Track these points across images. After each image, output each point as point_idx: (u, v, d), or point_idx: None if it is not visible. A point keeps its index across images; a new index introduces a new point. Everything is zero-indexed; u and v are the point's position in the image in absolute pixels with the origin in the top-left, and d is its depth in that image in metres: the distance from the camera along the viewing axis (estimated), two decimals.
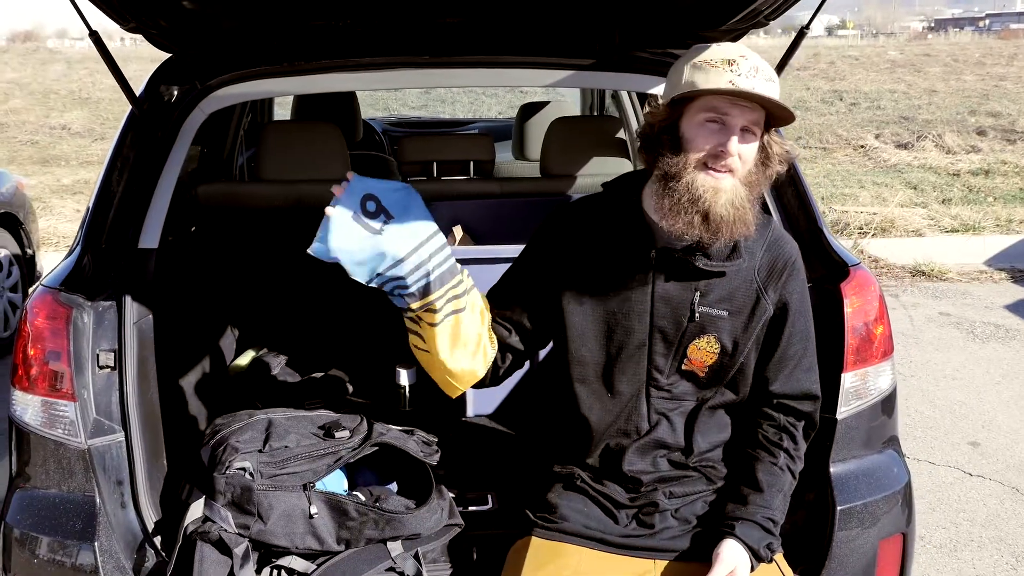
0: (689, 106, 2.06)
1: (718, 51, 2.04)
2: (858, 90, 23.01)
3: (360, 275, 2.04)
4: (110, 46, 2.58)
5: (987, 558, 3.83)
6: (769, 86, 2.01)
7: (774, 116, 2.05)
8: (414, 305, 2.06)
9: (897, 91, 22.71)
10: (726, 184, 2.02)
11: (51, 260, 6.73)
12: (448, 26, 2.85)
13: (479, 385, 2.26)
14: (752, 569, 2.12)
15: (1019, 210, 10.00)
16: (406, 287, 2.04)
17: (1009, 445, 4.86)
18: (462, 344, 2.12)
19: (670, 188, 2.04)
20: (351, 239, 1.99)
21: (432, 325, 2.07)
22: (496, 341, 2.23)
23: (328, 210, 2.00)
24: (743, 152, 2.04)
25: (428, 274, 2.04)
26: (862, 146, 14.92)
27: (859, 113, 19.38)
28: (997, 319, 6.94)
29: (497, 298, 2.30)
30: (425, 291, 2.04)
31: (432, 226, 2.07)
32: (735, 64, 2.00)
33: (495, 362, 2.24)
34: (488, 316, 2.22)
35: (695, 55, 2.07)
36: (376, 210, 2.02)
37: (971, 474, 4.55)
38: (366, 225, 2.00)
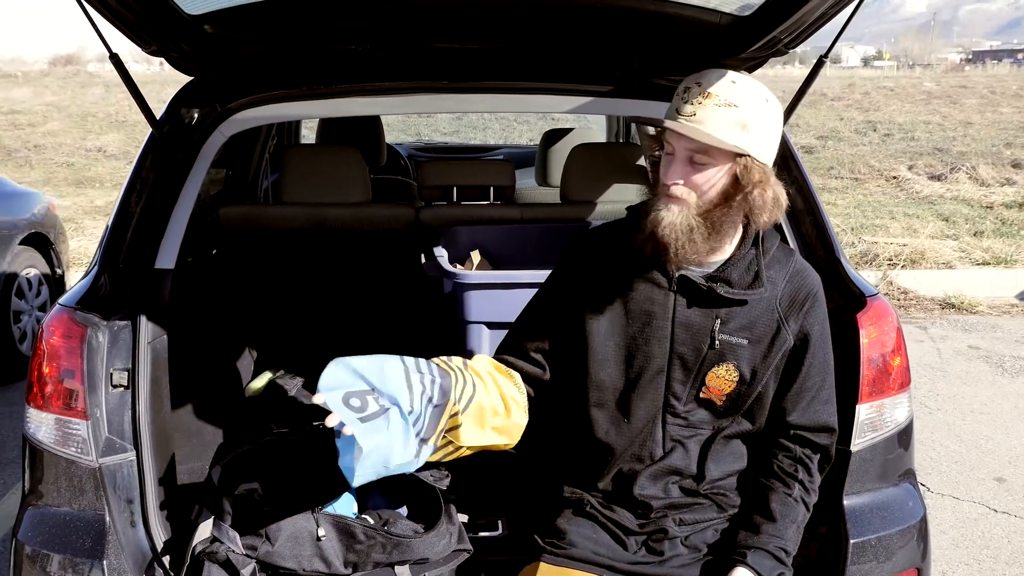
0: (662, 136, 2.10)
1: (688, 79, 2.07)
2: (892, 121, 22.92)
3: (411, 449, 2.03)
4: (146, 70, 2.61)
5: None
6: (718, 112, 1.99)
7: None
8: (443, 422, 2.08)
9: (932, 122, 22.61)
10: (671, 211, 2.05)
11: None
12: (467, 52, 2.86)
13: None
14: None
15: None
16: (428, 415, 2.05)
17: None
18: (490, 416, 2.15)
19: (644, 211, 2.11)
20: (379, 439, 1.98)
21: (457, 428, 2.09)
22: (521, 384, 2.25)
23: (347, 435, 1.98)
24: (694, 180, 2.04)
25: (431, 397, 2.06)
26: (895, 177, 14.83)
27: (892, 144, 19.29)
28: None
29: (524, 330, 2.31)
30: (442, 410, 2.06)
31: (394, 360, 2.11)
32: (688, 91, 2.03)
33: (529, 398, 2.25)
34: (499, 373, 2.23)
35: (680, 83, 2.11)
36: (360, 401, 2.01)
37: (996, 510, 4.48)
38: (371, 415, 1.99)
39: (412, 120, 16.20)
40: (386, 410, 2.00)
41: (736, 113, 2.00)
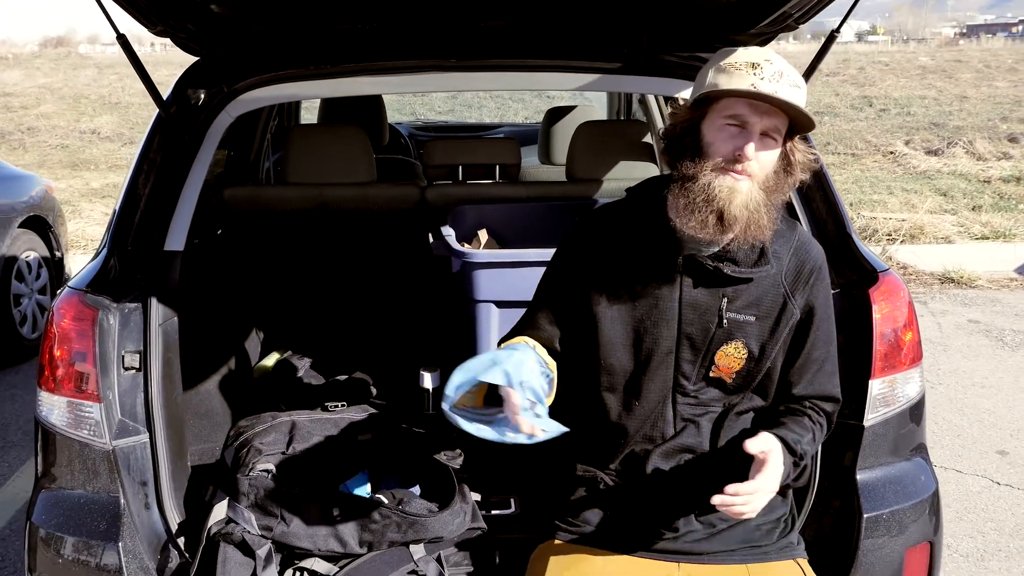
0: (711, 108, 2.05)
1: (744, 54, 2.03)
2: (888, 96, 22.87)
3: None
4: (140, 51, 2.59)
5: (1015, 568, 3.78)
6: (793, 92, 1.99)
7: (797, 122, 2.04)
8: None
9: (927, 97, 22.57)
10: (743, 187, 2.01)
11: (79, 263, 6.77)
12: (475, 30, 2.85)
13: None
14: (784, 463, 2.05)
15: None
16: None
17: None
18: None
19: (687, 188, 2.04)
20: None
21: None
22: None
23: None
24: (762, 157, 2.02)
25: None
26: (891, 152, 14.82)
27: (889, 119, 19.26)
28: None
29: (535, 318, 2.29)
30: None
31: (530, 355, 2.03)
32: (759, 68, 1.99)
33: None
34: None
35: (721, 58, 2.06)
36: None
37: (999, 483, 4.50)
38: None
39: (407, 99, 16.12)
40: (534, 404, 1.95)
41: (802, 93, 2.02)
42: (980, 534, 4.03)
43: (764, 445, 1.99)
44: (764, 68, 1.99)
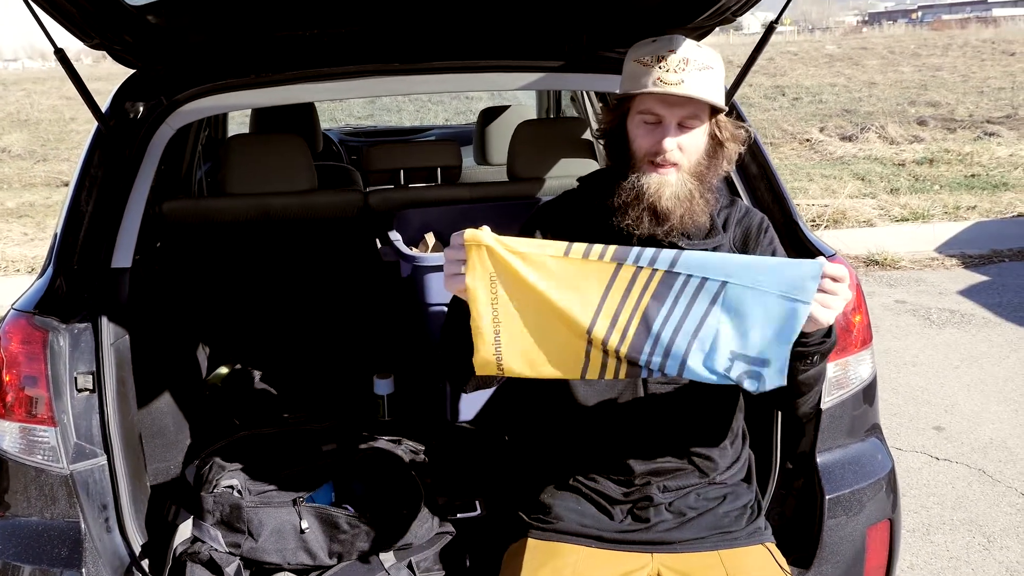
0: (629, 106, 2.12)
1: (651, 47, 2.08)
2: (799, 85, 23.33)
3: None
4: (54, 65, 2.53)
5: (959, 540, 3.89)
6: (702, 75, 2.04)
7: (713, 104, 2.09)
8: None
9: (837, 84, 23.08)
10: (671, 179, 2.07)
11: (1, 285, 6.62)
12: (417, 32, 2.84)
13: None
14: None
15: (965, 197, 10.18)
16: None
17: (972, 428, 4.93)
18: None
19: (620, 186, 2.10)
20: None
21: None
22: None
23: None
24: (685, 145, 2.08)
25: None
26: (808, 140, 15.12)
27: (802, 107, 19.65)
28: (951, 304, 7.05)
29: None
30: None
31: None
32: (664, 60, 2.05)
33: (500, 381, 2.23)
34: None
35: (634, 54, 2.12)
36: None
37: (937, 458, 4.61)
38: None
39: (325, 105, 15.98)
40: None
41: (713, 74, 2.07)
42: (924, 508, 4.13)
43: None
44: (668, 59, 2.04)
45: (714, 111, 2.12)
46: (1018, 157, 12.44)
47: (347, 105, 17.21)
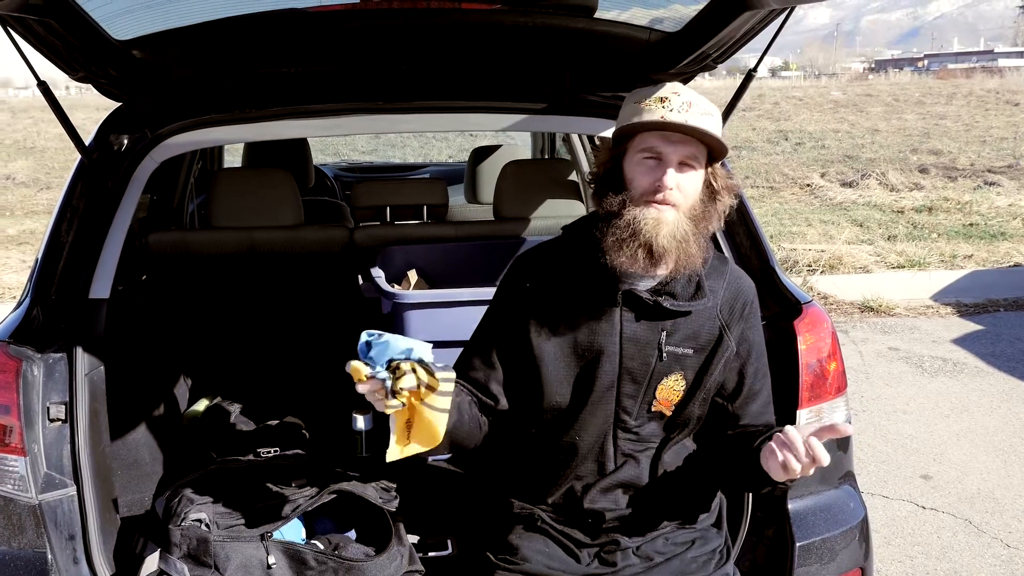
0: (628, 146, 2.12)
1: (653, 91, 2.10)
2: (803, 130, 23.44)
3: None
4: (55, 94, 2.56)
5: None
6: (704, 119, 2.06)
7: (713, 149, 2.10)
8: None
9: (841, 130, 23.18)
10: (668, 216, 2.06)
11: None
12: (400, 72, 2.86)
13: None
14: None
15: (962, 246, 10.19)
16: None
17: (960, 478, 4.91)
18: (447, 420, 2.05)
19: (614, 224, 2.08)
20: None
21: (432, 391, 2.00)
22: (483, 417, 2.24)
23: None
24: (683, 184, 2.08)
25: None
26: (808, 185, 15.16)
27: (804, 152, 19.72)
28: (945, 353, 7.05)
29: (475, 362, 2.27)
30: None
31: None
32: (667, 101, 2.06)
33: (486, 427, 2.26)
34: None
35: (634, 98, 2.13)
36: None
37: (924, 507, 4.59)
38: None
39: (331, 140, 16.07)
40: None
41: (714, 120, 2.09)
42: (908, 558, 4.11)
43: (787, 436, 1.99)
44: (672, 100, 2.05)
45: (710, 160, 2.12)
46: (1017, 207, 12.46)
47: (350, 140, 17.32)
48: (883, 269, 9.22)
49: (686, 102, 2.05)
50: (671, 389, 2.18)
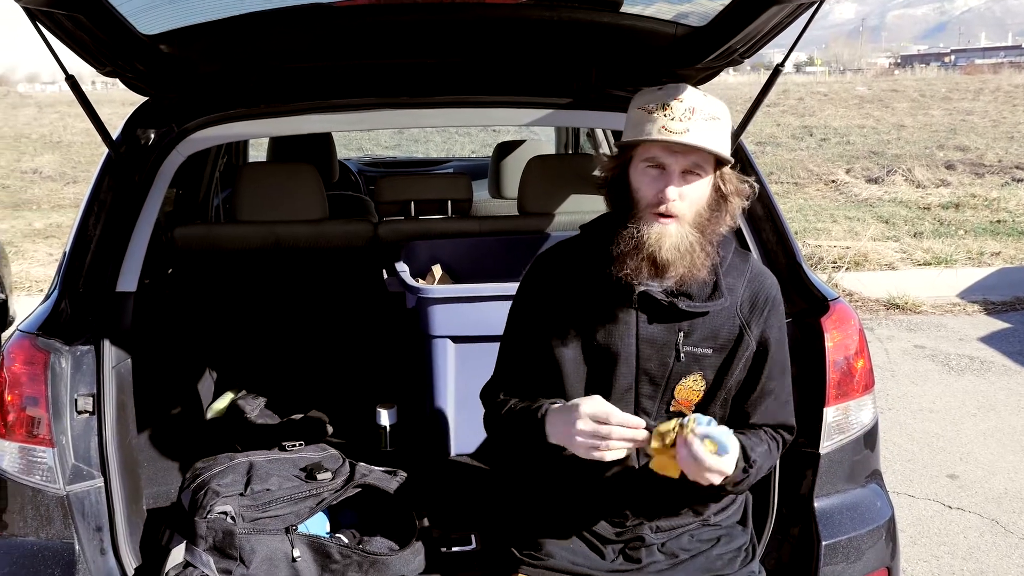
0: (633, 153, 2.10)
1: (656, 95, 2.06)
2: (828, 125, 23.31)
3: None
4: (84, 89, 2.57)
5: None
6: (707, 125, 2.02)
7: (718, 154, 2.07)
8: None
9: (866, 126, 23.03)
10: (671, 230, 2.04)
11: (24, 304, 6.68)
12: (425, 66, 2.86)
13: None
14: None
15: (989, 243, 10.10)
16: None
17: (987, 477, 4.87)
18: None
19: (620, 235, 2.08)
20: None
21: None
22: None
23: None
24: (687, 195, 2.05)
25: None
26: (833, 181, 15.06)
27: (829, 148, 19.61)
28: (971, 351, 6.99)
29: (514, 368, 2.30)
30: None
31: None
32: (669, 108, 2.02)
33: None
34: None
35: (638, 102, 2.10)
36: None
37: (951, 507, 4.56)
38: None
39: (354, 134, 16.09)
40: None
41: (720, 125, 2.05)
42: (934, 558, 4.08)
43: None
44: (674, 107, 2.02)
45: (719, 163, 2.09)
46: None
47: (374, 135, 17.34)
48: (909, 266, 9.15)
49: (689, 108, 2.02)
50: (690, 389, 2.16)
